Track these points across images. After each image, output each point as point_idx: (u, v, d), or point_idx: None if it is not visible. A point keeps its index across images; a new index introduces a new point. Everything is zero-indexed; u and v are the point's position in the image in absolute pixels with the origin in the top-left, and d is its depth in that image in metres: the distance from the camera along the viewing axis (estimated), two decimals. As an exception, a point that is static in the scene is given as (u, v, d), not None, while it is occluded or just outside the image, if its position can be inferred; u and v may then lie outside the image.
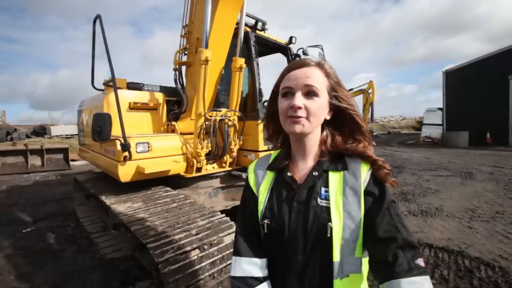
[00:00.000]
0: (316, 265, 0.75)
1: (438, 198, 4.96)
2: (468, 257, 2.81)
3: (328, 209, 0.74)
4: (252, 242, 0.86)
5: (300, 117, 0.75)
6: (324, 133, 0.84)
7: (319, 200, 0.76)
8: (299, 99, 0.74)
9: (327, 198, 0.75)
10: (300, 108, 0.74)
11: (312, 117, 0.75)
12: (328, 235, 0.72)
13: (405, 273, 0.64)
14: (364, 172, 0.76)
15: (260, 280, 0.82)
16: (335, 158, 0.80)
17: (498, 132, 14.17)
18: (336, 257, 0.72)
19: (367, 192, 0.74)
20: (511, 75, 14.00)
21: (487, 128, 14.46)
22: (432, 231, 3.51)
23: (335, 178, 0.77)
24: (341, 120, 0.83)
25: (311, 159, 0.83)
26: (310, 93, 0.75)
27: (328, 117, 0.81)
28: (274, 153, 0.94)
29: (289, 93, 0.77)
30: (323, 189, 0.77)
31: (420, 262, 0.67)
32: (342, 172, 0.77)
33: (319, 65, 0.79)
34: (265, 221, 0.81)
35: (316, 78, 0.76)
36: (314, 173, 0.79)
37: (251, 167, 0.95)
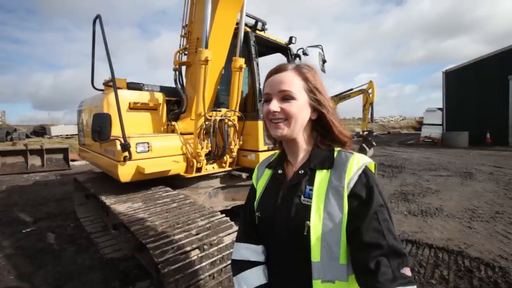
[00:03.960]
0: (296, 261, 0.77)
1: (438, 198, 4.96)
2: (468, 257, 2.81)
3: (309, 207, 0.74)
4: (250, 230, 0.93)
5: (279, 119, 0.79)
6: (314, 132, 0.86)
7: (302, 198, 0.77)
8: (274, 104, 0.78)
9: (310, 197, 0.75)
10: (276, 112, 0.78)
11: (291, 119, 0.78)
12: (305, 233, 0.72)
13: (388, 283, 0.61)
14: (351, 173, 0.74)
15: (255, 264, 0.89)
16: (325, 155, 0.81)
17: (498, 132, 14.15)
18: (315, 257, 0.71)
19: (353, 194, 0.72)
20: (511, 75, 14.00)
21: (487, 128, 14.45)
22: (432, 231, 3.51)
23: (320, 177, 0.77)
24: (321, 120, 0.84)
25: (301, 158, 0.85)
26: (285, 97, 0.78)
27: (313, 117, 0.83)
28: (276, 153, 0.99)
29: (268, 99, 0.81)
30: (307, 188, 0.77)
31: (407, 271, 0.64)
32: (328, 170, 0.77)
33: (297, 69, 0.81)
34: (257, 214, 0.88)
35: (291, 83, 0.78)
36: (300, 171, 0.82)
37: (257, 165, 1.04)
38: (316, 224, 0.71)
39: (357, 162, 0.75)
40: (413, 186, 5.94)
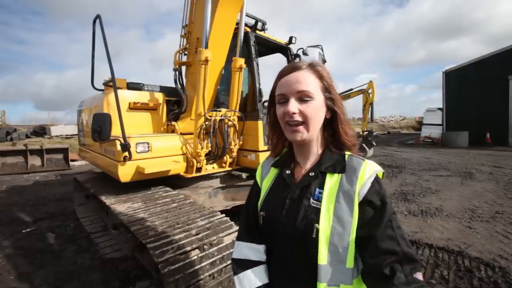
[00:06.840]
0: (302, 263, 0.76)
1: (438, 198, 4.96)
2: (468, 257, 2.81)
3: (318, 210, 0.74)
4: (252, 229, 0.92)
5: (297, 121, 0.75)
6: (326, 133, 0.83)
7: (311, 200, 0.76)
8: (292, 105, 0.74)
9: (319, 200, 0.75)
10: (295, 113, 0.74)
11: (310, 121, 0.75)
12: (314, 236, 0.72)
13: (403, 286, 0.63)
14: (363, 179, 0.73)
15: (256, 264, 0.87)
16: (336, 159, 0.80)
17: (498, 132, 14.16)
18: (322, 260, 0.71)
19: (366, 201, 0.72)
20: (511, 75, 13.99)
21: (487, 128, 14.45)
22: (432, 231, 3.51)
23: (331, 181, 0.76)
24: (333, 121, 0.82)
25: (312, 159, 0.84)
26: (303, 97, 0.75)
27: (328, 116, 0.81)
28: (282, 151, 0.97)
29: (284, 99, 0.77)
30: (317, 190, 0.77)
31: (419, 276, 0.66)
32: (340, 174, 0.76)
33: (311, 67, 0.78)
34: (262, 213, 0.86)
35: (308, 82, 0.75)
36: (310, 174, 0.80)
37: (261, 163, 1.02)
38: (325, 227, 0.71)
39: (369, 169, 0.75)
40: (413, 186, 5.94)
